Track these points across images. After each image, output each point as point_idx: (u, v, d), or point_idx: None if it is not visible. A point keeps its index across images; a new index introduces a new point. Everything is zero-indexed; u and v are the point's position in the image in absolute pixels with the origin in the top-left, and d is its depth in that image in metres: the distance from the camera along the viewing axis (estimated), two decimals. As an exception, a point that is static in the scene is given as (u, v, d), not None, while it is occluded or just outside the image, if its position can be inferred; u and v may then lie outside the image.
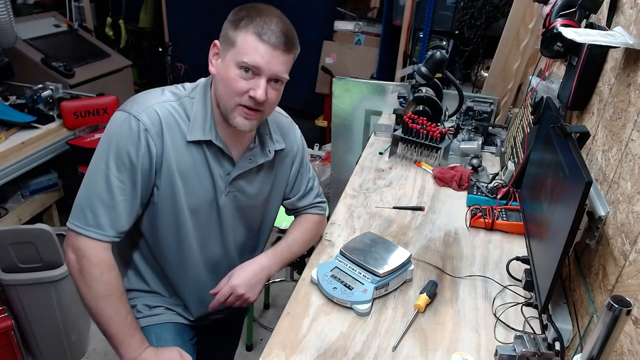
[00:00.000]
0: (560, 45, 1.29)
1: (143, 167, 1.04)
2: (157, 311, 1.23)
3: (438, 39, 3.00)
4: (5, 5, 2.41)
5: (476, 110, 2.18)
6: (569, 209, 0.92)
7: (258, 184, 1.21)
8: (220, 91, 1.06)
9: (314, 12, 3.60)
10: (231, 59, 1.02)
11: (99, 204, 1.03)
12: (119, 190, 1.03)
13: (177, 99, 1.09)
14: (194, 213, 1.13)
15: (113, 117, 1.07)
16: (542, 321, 1.10)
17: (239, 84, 1.02)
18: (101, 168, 1.03)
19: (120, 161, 1.02)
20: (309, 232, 1.33)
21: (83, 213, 1.03)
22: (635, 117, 0.97)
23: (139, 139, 1.02)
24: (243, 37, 1.00)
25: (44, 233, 1.85)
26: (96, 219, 1.03)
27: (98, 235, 1.03)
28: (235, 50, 1.01)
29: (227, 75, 1.02)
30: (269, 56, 1.00)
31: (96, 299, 1.04)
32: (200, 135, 1.08)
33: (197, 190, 1.12)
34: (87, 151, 2.33)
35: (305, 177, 1.32)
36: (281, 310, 1.12)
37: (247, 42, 1.00)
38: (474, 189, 1.63)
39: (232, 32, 1.02)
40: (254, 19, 1.00)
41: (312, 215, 1.35)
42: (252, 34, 0.99)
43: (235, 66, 1.01)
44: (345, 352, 1.01)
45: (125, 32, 4.19)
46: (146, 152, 1.03)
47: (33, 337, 1.97)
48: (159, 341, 1.17)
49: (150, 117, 1.03)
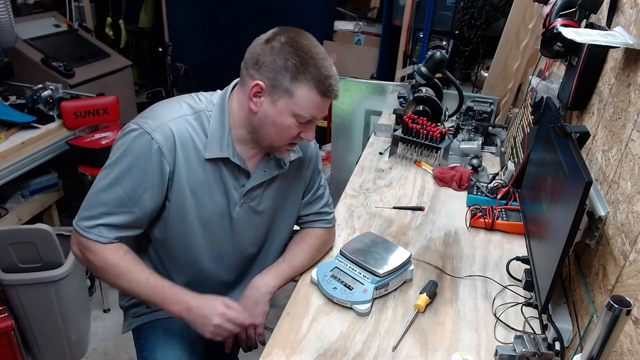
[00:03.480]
0: (560, 45, 1.29)
1: (153, 184, 1.05)
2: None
3: (438, 39, 3.00)
4: (5, 5, 2.40)
5: (476, 110, 2.18)
6: (569, 209, 0.92)
7: (272, 195, 1.20)
8: (268, 133, 1.06)
9: (314, 12, 3.60)
10: (286, 108, 1.02)
11: (101, 211, 1.05)
12: (121, 203, 1.05)
13: (193, 112, 1.08)
14: (205, 226, 1.14)
15: (127, 129, 1.06)
16: (542, 321, 1.10)
17: (293, 131, 1.05)
18: (110, 177, 1.04)
19: (130, 176, 1.03)
20: (313, 248, 1.27)
21: (86, 215, 1.06)
22: (635, 117, 0.97)
23: (151, 158, 1.03)
24: (305, 92, 1.00)
25: (44, 233, 1.85)
26: (97, 224, 1.05)
27: (98, 238, 1.06)
28: (293, 102, 1.01)
29: (281, 123, 1.03)
30: (325, 107, 1.04)
31: (111, 279, 1.09)
32: (218, 152, 1.08)
33: (208, 204, 1.12)
34: (87, 151, 2.33)
35: (316, 182, 1.30)
36: (281, 310, 1.12)
37: (309, 98, 1.01)
38: (474, 189, 1.63)
39: (288, 82, 1.00)
40: (310, 69, 0.99)
41: (315, 230, 1.30)
42: (316, 92, 1.00)
43: (291, 116, 1.02)
44: (345, 352, 1.01)
45: (125, 32, 4.19)
46: (157, 170, 1.04)
47: (33, 337, 1.97)
48: (166, 333, 1.19)
49: (164, 134, 1.03)
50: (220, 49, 3.87)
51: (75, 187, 2.76)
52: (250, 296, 1.18)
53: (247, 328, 1.18)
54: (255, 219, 1.19)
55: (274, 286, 1.19)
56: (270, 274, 1.21)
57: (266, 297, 1.18)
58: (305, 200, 1.29)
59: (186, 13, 3.98)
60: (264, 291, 1.18)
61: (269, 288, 1.19)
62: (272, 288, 1.19)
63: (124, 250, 1.09)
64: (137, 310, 1.25)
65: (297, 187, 1.26)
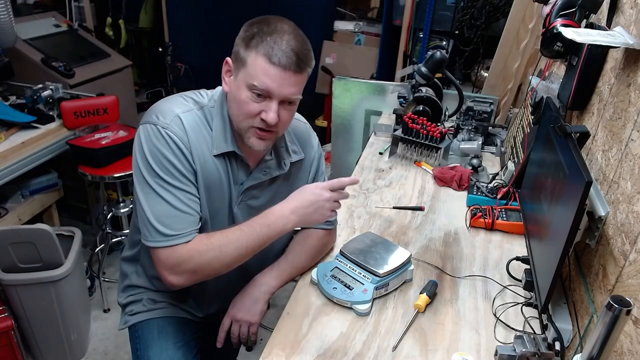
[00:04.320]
0: (560, 45, 1.29)
1: (186, 168, 1.03)
2: (161, 305, 1.24)
3: (438, 39, 3.00)
4: (5, 5, 2.40)
5: (476, 110, 2.18)
6: (569, 209, 0.92)
7: (270, 195, 1.20)
8: (233, 111, 1.05)
9: (314, 12, 3.60)
10: (242, 80, 1.00)
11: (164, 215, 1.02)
12: (181, 197, 1.02)
13: (199, 107, 1.08)
14: (212, 218, 1.13)
15: (141, 132, 1.04)
16: (542, 321, 1.10)
17: (250, 106, 1.01)
18: (149, 182, 1.01)
19: (168, 171, 1.01)
20: (314, 249, 1.27)
21: (155, 231, 1.02)
22: (635, 117, 0.97)
23: (176, 146, 1.02)
24: (253, 58, 0.98)
25: (44, 233, 1.85)
26: (174, 230, 1.02)
27: (181, 240, 1.02)
28: (245, 72, 0.99)
29: (239, 97, 1.01)
30: (279, 79, 0.98)
31: (221, 262, 1.04)
32: (224, 147, 1.07)
33: (217, 199, 1.11)
34: (87, 151, 2.33)
35: None
36: (281, 310, 1.12)
37: (257, 64, 0.97)
38: (474, 189, 1.63)
39: (243, 51, 0.99)
40: (265, 38, 0.97)
41: (317, 231, 1.29)
42: (262, 56, 0.97)
43: (246, 88, 1.00)
44: (345, 352, 1.01)
45: (125, 32, 4.18)
46: (183, 157, 1.03)
47: (33, 337, 1.97)
48: (160, 333, 1.19)
49: (178, 126, 1.03)
50: (220, 49, 3.84)
51: (75, 187, 2.76)
52: (251, 293, 1.18)
53: (241, 324, 1.18)
54: (252, 217, 1.19)
55: (275, 286, 1.19)
56: (272, 273, 1.21)
57: (265, 297, 1.19)
58: None
59: (186, 13, 3.98)
60: (264, 290, 1.18)
61: (270, 287, 1.19)
62: (272, 288, 1.19)
63: (200, 236, 1.05)
64: (133, 308, 1.25)
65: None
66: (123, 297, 1.28)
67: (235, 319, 1.18)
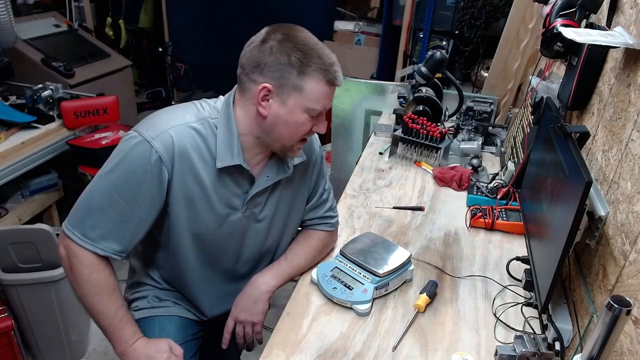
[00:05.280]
0: (560, 45, 1.29)
1: (152, 194, 1.02)
2: (165, 304, 1.23)
3: (438, 39, 3.00)
4: (5, 5, 2.40)
5: (476, 110, 2.18)
6: (569, 209, 0.92)
7: (276, 200, 1.18)
8: (281, 134, 1.04)
9: (314, 12, 3.60)
10: (298, 105, 1.00)
11: (96, 217, 1.01)
12: (119, 211, 1.01)
13: (197, 120, 1.05)
14: (197, 237, 1.12)
15: (127, 137, 1.03)
16: (542, 321, 1.10)
17: (307, 126, 1.03)
18: (106, 185, 1.01)
19: (127, 184, 1.00)
20: (314, 249, 1.27)
21: (78, 220, 1.02)
22: (635, 117, 0.97)
23: (150, 167, 1.00)
24: (314, 84, 0.99)
25: (44, 233, 1.85)
26: (90, 230, 1.01)
27: (88, 245, 1.02)
28: (303, 97, 0.99)
29: (295, 121, 1.02)
30: (333, 94, 1.04)
31: (86, 296, 1.05)
32: (229, 160, 1.05)
33: (204, 215, 1.09)
34: (87, 151, 2.33)
35: (320, 187, 1.28)
36: (281, 310, 1.12)
37: (319, 89, 1.00)
38: (474, 189, 1.63)
39: (295, 78, 0.98)
40: (314, 60, 0.98)
41: (318, 232, 1.29)
42: (324, 82, 1.00)
43: (303, 111, 1.01)
44: (345, 352, 1.01)
45: (125, 32, 4.19)
46: (157, 180, 1.01)
47: (33, 337, 1.97)
48: (161, 332, 1.18)
49: (164, 142, 1.00)
50: (220, 49, 3.86)
51: (75, 187, 2.75)
52: (250, 294, 1.18)
53: (245, 325, 1.18)
54: (256, 226, 1.18)
55: (274, 285, 1.19)
56: (271, 272, 1.20)
57: (265, 296, 1.18)
58: (311, 204, 1.28)
59: (186, 13, 3.99)
60: (263, 290, 1.18)
61: (269, 287, 1.19)
62: (272, 287, 1.19)
63: (109, 270, 1.06)
64: (138, 304, 1.24)
65: (302, 191, 1.24)
66: (130, 293, 1.28)
67: (238, 320, 1.18)
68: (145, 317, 1.22)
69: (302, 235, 1.30)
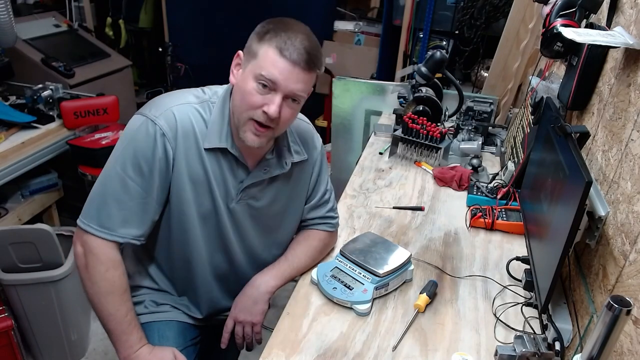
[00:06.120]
0: (560, 45, 1.29)
1: (160, 171, 1.04)
2: (163, 308, 1.23)
3: (438, 39, 3.00)
4: (5, 5, 2.40)
5: (476, 110, 2.18)
6: (569, 209, 0.92)
7: (272, 194, 1.19)
8: (236, 102, 1.05)
9: (314, 12, 3.60)
10: (250, 71, 1.01)
11: (112, 205, 1.03)
12: (134, 193, 1.03)
13: (199, 101, 1.08)
14: (203, 219, 1.13)
15: (131, 121, 1.06)
16: (542, 321, 1.10)
17: (254, 97, 1.01)
18: (117, 170, 1.03)
19: (137, 165, 1.02)
20: (315, 249, 1.27)
21: (94, 212, 1.04)
22: (635, 117, 0.97)
23: (156, 144, 1.02)
24: (265, 50, 0.99)
25: (44, 233, 1.85)
26: (107, 219, 1.03)
27: (107, 235, 1.03)
28: (255, 63, 1.00)
29: (245, 87, 1.02)
30: (287, 72, 0.99)
31: (99, 295, 1.05)
32: (217, 142, 1.07)
33: (206, 197, 1.11)
34: (87, 151, 2.33)
35: (321, 187, 1.28)
36: (281, 310, 1.12)
37: (267, 56, 0.99)
38: (474, 189, 1.63)
39: (255, 44, 1.01)
40: (279, 33, 0.99)
41: (319, 232, 1.29)
42: (274, 48, 0.98)
43: (253, 79, 1.00)
44: (345, 352, 1.01)
45: (125, 32, 4.18)
46: (163, 156, 1.04)
47: (33, 337, 1.97)
48: (160, 338, 1.18)
49: (167, 120, 1.03)
50: (220, 49, 3.84)
51: (75, 187, 2.76)
52: (250, 294, 1.18)
53: (244, 325, 1.18)
54: (255, 216, 1.19)
55: (274, 285, 1.19)
56: (271, 272, 1.21)
57: (265, 297, 1.18)
58: (312, 204, 1.28)
59: (186, 13, 3.98)
60: (263, 290, 1.18)
61: (269, 287, 1.19)
62: (272, 287, 1.19)
63: (123, 269, 1.08)
64: (136, 309, 1.25)
65: (300, 190, 1.25)
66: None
67: (237, 320, 1.18)
68: (144, 323, 1.22)
69: (302, 235, 1.30)
